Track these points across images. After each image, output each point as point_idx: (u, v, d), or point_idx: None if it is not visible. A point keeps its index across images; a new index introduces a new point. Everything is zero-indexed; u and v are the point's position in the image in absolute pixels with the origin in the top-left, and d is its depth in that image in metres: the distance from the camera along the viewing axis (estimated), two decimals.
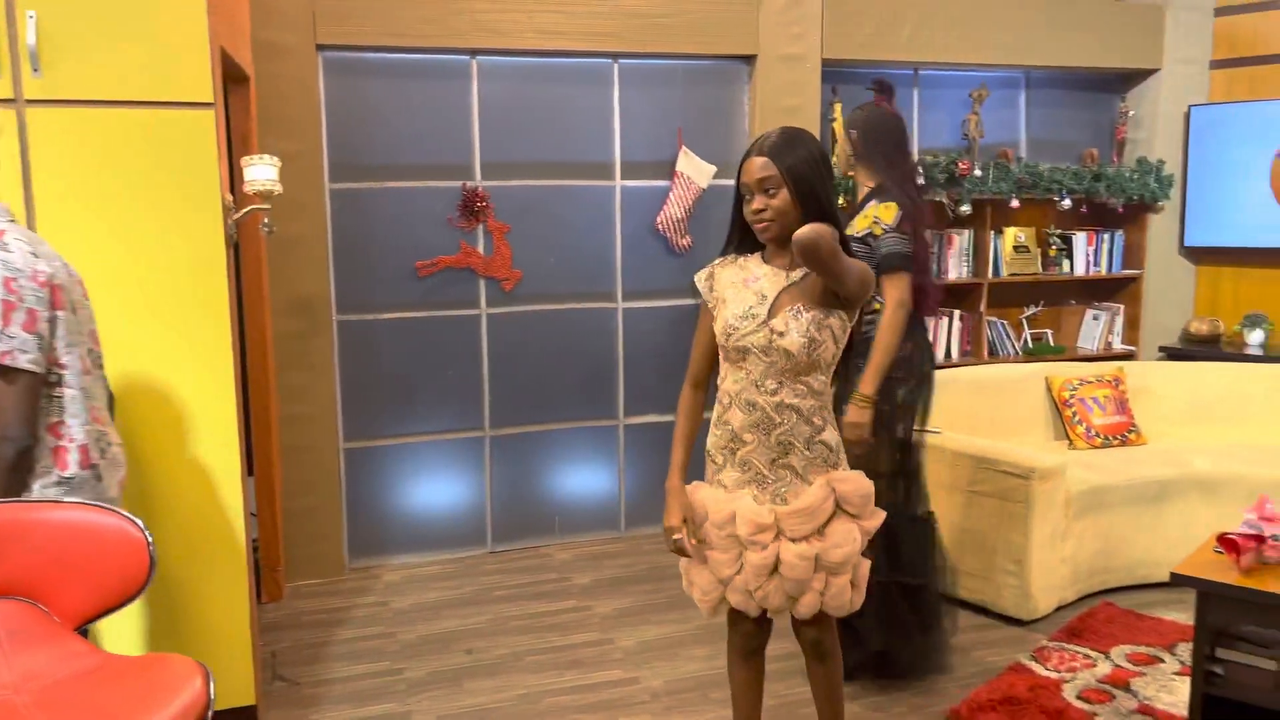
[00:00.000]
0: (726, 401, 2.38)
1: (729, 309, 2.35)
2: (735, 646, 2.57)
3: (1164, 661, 3.56)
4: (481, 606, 4.19)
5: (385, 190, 4.54)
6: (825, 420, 2.37)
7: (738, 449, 2.36)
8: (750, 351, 2.31)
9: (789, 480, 2.33)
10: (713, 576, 2.40)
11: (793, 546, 2.31)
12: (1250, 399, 4.76)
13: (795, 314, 2.28)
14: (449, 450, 4.78)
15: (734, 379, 2.36)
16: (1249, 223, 5.52)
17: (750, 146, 2.33)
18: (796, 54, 4.90)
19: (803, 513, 2.31)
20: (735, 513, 2.33)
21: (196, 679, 1.56)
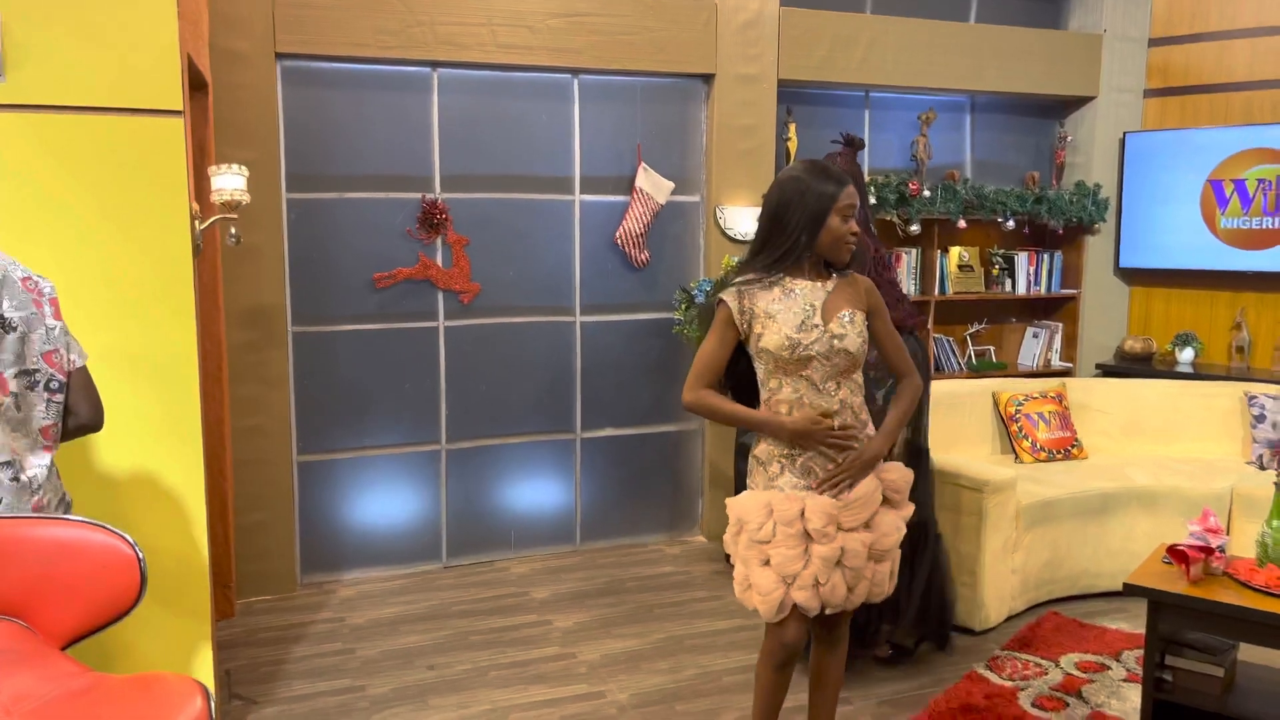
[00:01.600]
0: (785, 410, 2.50)
1: (781, 325, 2.46)
2: (774, 655, 2.58)
3: (1111, 669, 3.69)
4: (441, 621, 4.15)
5: (343, 201, 4.50)
6: (867, 415, 2.60)
7: (799, 456, 2.51)
8: (813, 359, 2.47)
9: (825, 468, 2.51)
10: (775, 576, 2.46)
11: (855, 535, 2.47)
12: (1183, 414, 4.96)
13: (848, 319, 2.50)
14: (404, 464, 4.73)
15: (792, 388, 2.50)
16: (1180, 245, 5.75)
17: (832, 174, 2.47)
18: (753, 74, 4.98)
19: (858, 503, 2.48)
20: (805, 508, 2.45)
21: (196, 698, 1.53)
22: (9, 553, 1.69)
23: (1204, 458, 4.78)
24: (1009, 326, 6.18)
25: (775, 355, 2.47)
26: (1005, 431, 4.83)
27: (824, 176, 2.48)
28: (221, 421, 4.10)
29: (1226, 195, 5.58)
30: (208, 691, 1.58)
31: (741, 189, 4.99)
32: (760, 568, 2.49)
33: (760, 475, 2.56)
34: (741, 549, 2.53)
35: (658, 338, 5.06)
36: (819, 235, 2.47)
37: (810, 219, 2.46)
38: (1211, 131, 5.61)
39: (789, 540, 2.45)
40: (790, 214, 2.47)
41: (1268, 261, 5.47)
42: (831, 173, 2.50)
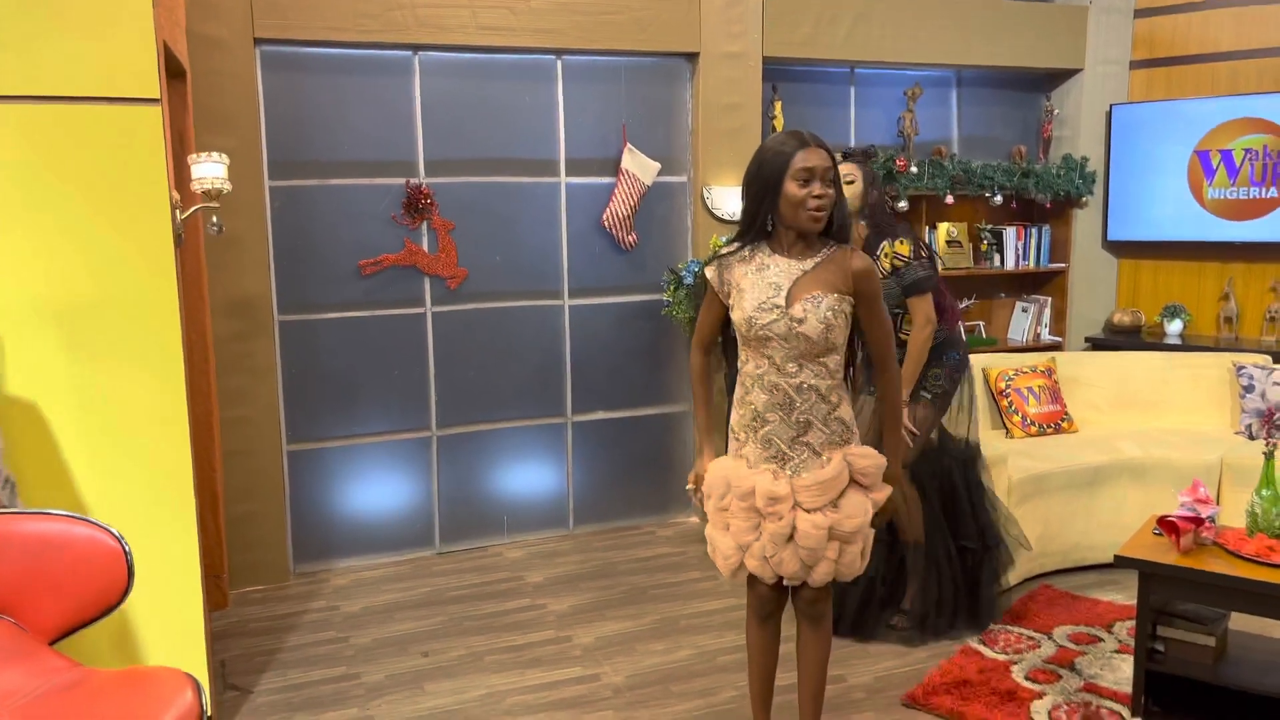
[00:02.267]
0: (749, 384, 2.52)
1: (747, 301, 2.46)
2: (752, 609, 2.72)
3: (1104, 640, 3.71)
4: (435, 608, 4.15)
5: (327, 188, 4.46)
6: (840, 398, 2.53)
7: (760, 428, 2.50)
8: (772, 339, 2.45)
9: (806, 457, 2.48)
10: (734, 542, 2.54)
11: (808, 517, 2.46)
12: (1172, 386, 4.97)
13: (813, 301, 2.43)
14: (395, 451, 4.71)
15: (755, 364, 2.50)
16: (1168, 217, 5.75)
17: (792, 137, 2.41)
18: (737, 52, 4.94)
19: (819, 485, 2.46)
20: (755, 487, 2.47)
21: (187, 691, 1.52)
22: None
23: (1193, 429, 4.79)
24: (998, 302, 6.18)
25: (740, 330, 2.50)
26: (996, 406, 4.84)
27: (784, 140, 2.42)
28: (209, 413, 4.07)
29: (1213, 166, 5.57)
30: (198, 684, 1.57)
31: (728, 168, 4.96)
32: (722, 532, 2.59)
33: (733, 444, 2.60)
34: (709, 512, 2.62)
35: (647, 320, 5.05)
36: (777, 202, 2.42)
37: (767, 185, 2.42)
38: (1198, 102, 5.60)
39: (743, 513, 2.51)
40: (754, 182, 2.46)
41: (1255, 231, 5.48)
42: (796, 136, 2.42)
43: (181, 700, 1.51)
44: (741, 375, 2.56)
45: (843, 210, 2.50)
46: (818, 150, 2.40)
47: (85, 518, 1.83)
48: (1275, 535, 3.03)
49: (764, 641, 2.74)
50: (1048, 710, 3.18)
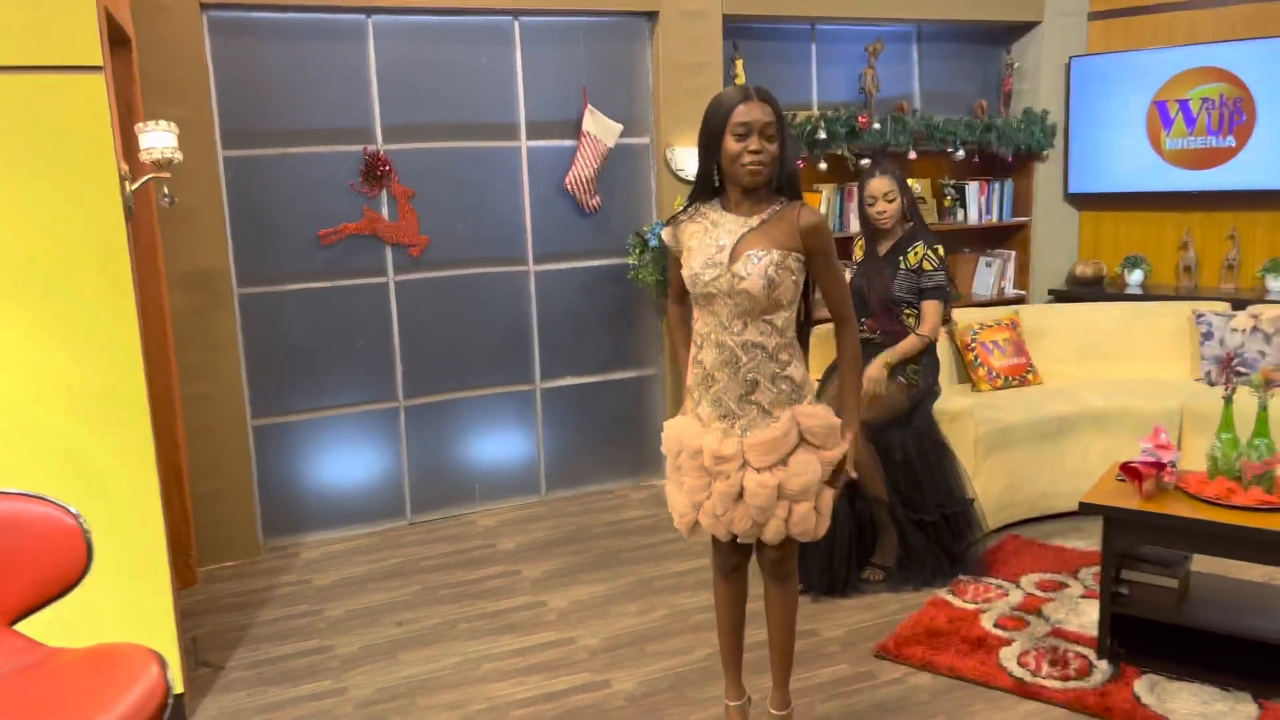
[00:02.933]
0: (699, 342, 2.52)
1: (693, 258, 2.46)
2: (715, 565, 2.76)
3: (1069, 586, 3.77)
4: (407, 578, 4.14)
5: (283, 157, 4.37)
6: (791, 356, 2.48)
7: (710, 386, 2.49)
8: (716, 296, 2.43)
9: (755, 415, 2.45)
10: (687, 500, 2.55)
11: (755, 475, 2.44)
12: (1134, 336, 5.03)
13: (755, 258, 2.38)
14: (362, 422, 4.67)
15: (704, 321, 2.50)
16: (1127, 169, 5.79)
17: (735, 91, 2.38)
18: (698, 10, 4.88)
19: (765, 444, 2.43)
20: (703, 446, 2.47)
21: (152, 666, 1.50)
22: None
23: (1155, 377, 4.85)
24: (962, 257, 6.21)
25: (689, 287, 2.49)
26: (961, 360, 4.87)
27: (727, 94, 2.39)
28: (170, 389, 4.01)
29: (1171, 116, 5.61)
30: (163, 660, 1.55)
31: (690, 128, 4.86)
32: (676, 489, 2.60)
33: (688, 402, 2.59)
34: (667, 470, 2.64)
35: (614, 284, 5.02)
36: (719, 158, 2.40)
37: (710, 141, 2.41)
38: (1155, 53, 5.62)
39: (694, 471, 2.52)
40: (701, 139, 2.44)
41: (1212, 180, 5.53)
42: (739, 90, 2.38)
43: (147, 677, 1.48)
44: (694, 334, 2.54)
45: (790, 165, 2.44)
46: (758, 104, 2.34)
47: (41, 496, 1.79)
48: (1235, 477, 3.09)
49: (729, 596, 2.75)
50: (1016, 656, 3.24)
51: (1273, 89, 5.26)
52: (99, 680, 1.48)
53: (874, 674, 3.21)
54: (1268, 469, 3.03)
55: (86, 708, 1.41)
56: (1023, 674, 3.13)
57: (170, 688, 1.49)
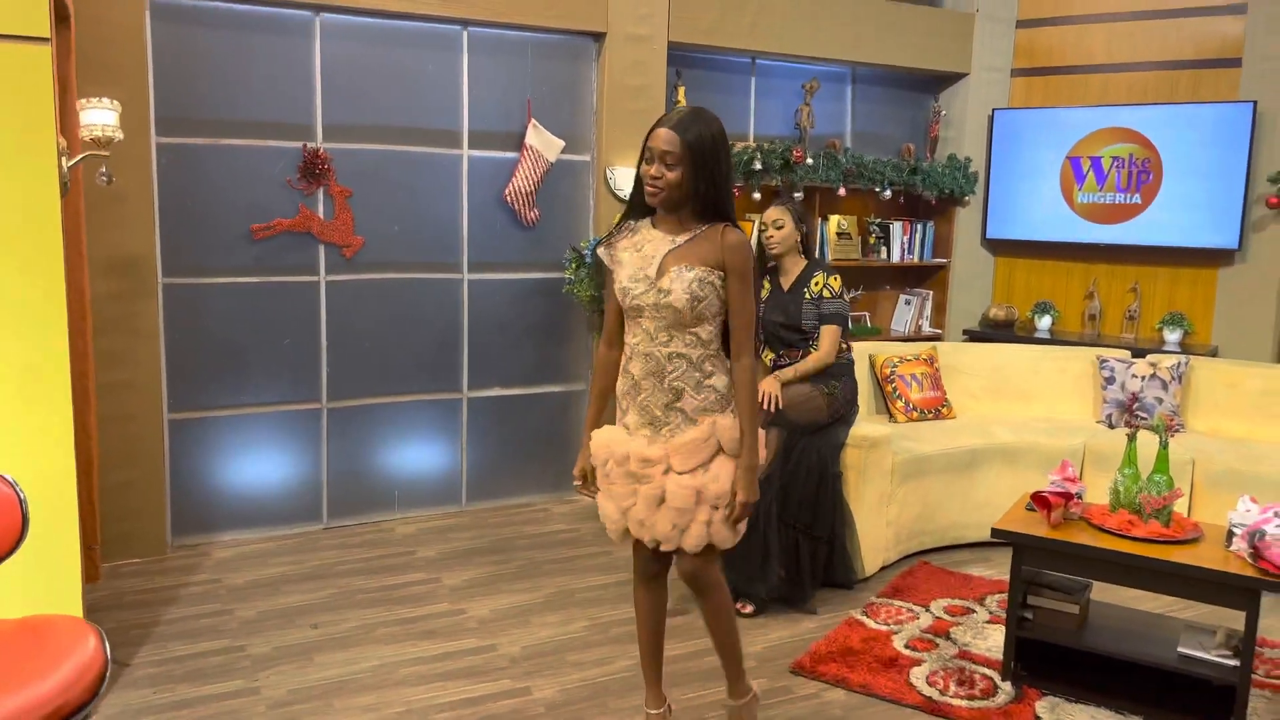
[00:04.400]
0: (629, 353, 2.61)
1: (623, 272, 2.56)
2: (636, 571, 2.80)
3: (975, 612, 3.91)
4: (323, 581, 4.06)
5: (219, 147, 4.30)
6: (715, 368, 2.57)
7: (637, 395, 2.58)
8: (644, 309, 2.52)
9: (679, 423, 2.55)
10: (616, 507, 2.63)
11: (677, 478, 2.53)
12: (1042, 377, 5.26)
13: (679, 273, 2.48)
14: (283, 422, 4.59)
15: (633, 334, 2.59)
16: (1041, 219, 6.08)
17: (660, 119, 2.48)
18: (643, 34, 4.98)
19: (687, 446, 2.52)
20: (629, 451, 2.57)
21: (89, 638, 1.47)
22: None
23: (1060, 417, 5.09)
24: (883, 293, 6.42)
25: (619, 300, 2.57)
26: (880, 392, 5.03)
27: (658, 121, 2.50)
28: (85, 375, 3.87)
29: (1084, 172, 5.92)
30: (101, 632, 1.52)
31: (631, 149, 5.00)
32: (605, 498, 2.66)
33: (618, 411, 2.67)
34: (599, 480, 2.69)
35: (546, 297, 5.05)
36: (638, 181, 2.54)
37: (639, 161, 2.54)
38: (1071, 111, 5.93)
39: (621, 478, 2.60)
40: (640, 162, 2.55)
41: (1118, 235, 5.84)
42: (666, 116, 2.49)
43: (84, 648, 1.45)
44: (625, 346, 2.62)
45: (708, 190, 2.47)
46: (666, 131, 2.42)
47: None
48: (1135, 511, 3.26)
49: (648, 604, 2.79)
50: (925, 676, 3.35)
51: (1178, 152, 5.60)
52: (33, 649, 1.44)
53: (790, 689, 3.27)
54: (1166, 504, 3.22)
55: (22, 676, 1.37)
56: (932, 693, 3.23)
57: (109, 660, 1.46)
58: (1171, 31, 5.74)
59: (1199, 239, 5.60)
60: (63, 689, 1.35)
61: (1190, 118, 5.54)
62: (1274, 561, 2.87)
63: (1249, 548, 2.95)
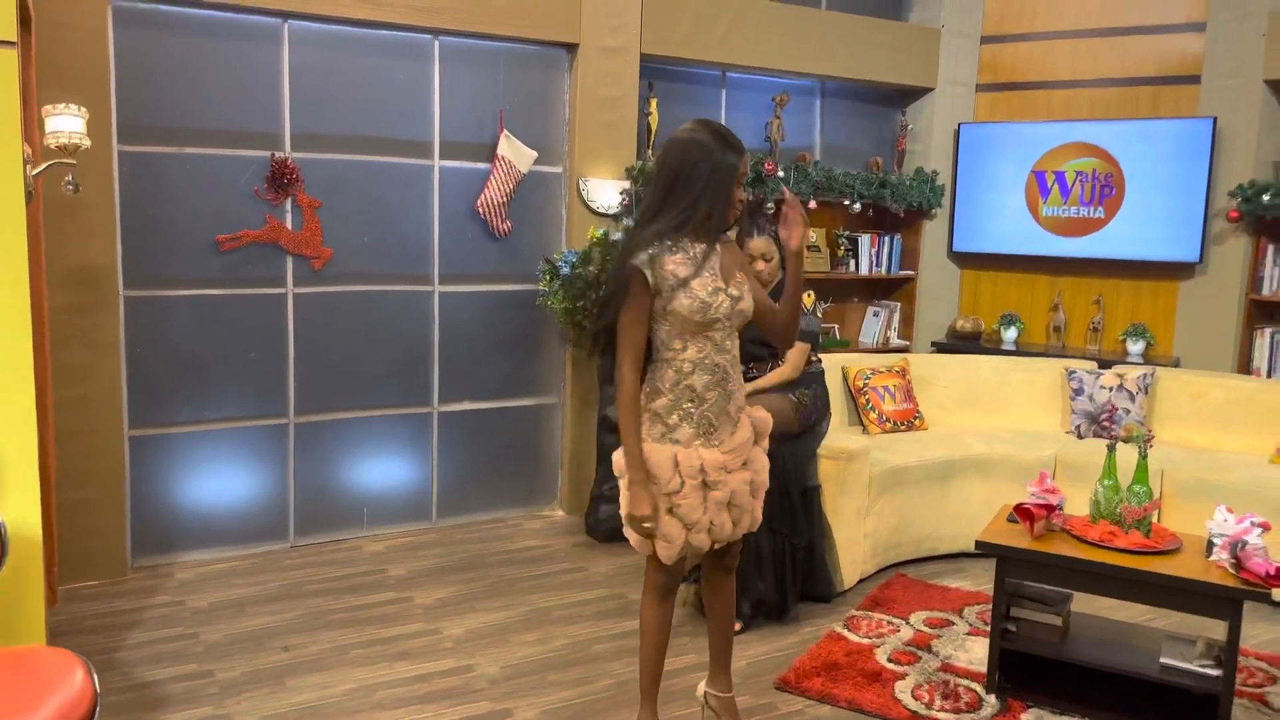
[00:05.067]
0: (688, 369, 2.59)
1: (696, 289, 2.53)
2: (660, 589, 2.74)
3: (955, 624, 3.91)
4: (292, 601, 3.95)
5: (184, 156, 4.18)
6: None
7: (697, 408, 2.60)
8: (719, 320, 2.58)
9: (728, 425, 2.65)
10: (680, 524, 2.59)
11: (739, 475, 2.66)
12: (1011, 388, 5.31)
13: (740, 282, 2.63)
14: (249, 438, 4.47)
15: (696, 349, 2.58)
16: (1006, 232, 6.14)
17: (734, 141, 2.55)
18: (616, 46, 4.95)
19: (740, 447, 2.66)
20: (703, 462, 2.58)
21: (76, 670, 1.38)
22: None
23: (1030, 428, 5.13)
24: (851, 306, 6.44)
25: (687, 319, 2.55)
26: (854, 403, 5.03)
27: (726, 144, 2.54)
28: (44, 390, 3.73)
29: (1048, 185, 5.99)
30: (89, 665, 1.44)
31: (604, 161, 4.97)
32: (667, 515, 2.59)
33: (658, 427, 2.61)
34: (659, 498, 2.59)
35: (518, 309, 4.98)
36: (726, 204, 2.55)
37: (718, 188, 2.53)
38: (1036, 125, 6.01)
39: (694, 491, 2.59)
40: (695, 179, 2.51)
41: (1083, 248, 5.92)
42: (732, 140, 2.56)
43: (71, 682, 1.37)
44: (676, 363, 2.58)
45: None
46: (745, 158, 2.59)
47: None
48: (1116, 521, 3.28)
49: (664, 619, 2.79)
50: (910, 689, 3.33)
51: (1140, 166, 5.69)
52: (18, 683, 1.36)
53: (775, 706, 3.23)
54: (1146, 514, 3.24)
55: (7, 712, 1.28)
56: (918, 707, 3.21)
57: (98, 693, 1.38)
58: (1132, 48, 5.84)
59: (1161, 252, 5.69)
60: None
61: (1151, 133, 5.64)
62: (1256, 571, 2.90)
63: (1231, 558, 2.97)
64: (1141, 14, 5.79)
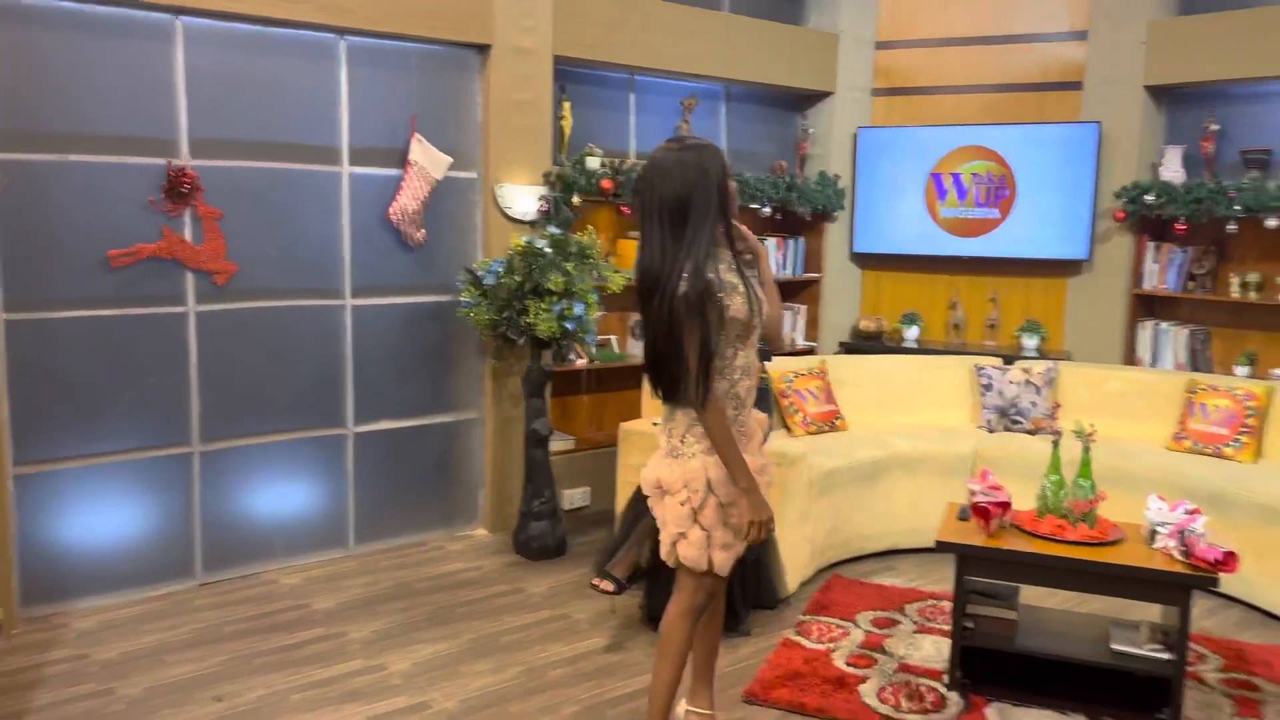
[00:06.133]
0: (737, 377, 2.60)
1: (743, 295, 2.53)
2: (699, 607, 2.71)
3: (901, 622, 3.95)
4: (213, 646, 3.65)
5: (67, 164, 3.81)
6: None
7: (739, 413, 2.62)
8: (755, 325, 2.59)
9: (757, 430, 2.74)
10: (734, 533, 2.61)
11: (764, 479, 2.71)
12: (923, 386, 5.43)
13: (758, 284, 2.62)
14: (148, 470, 4.11)
15: (743, 355, 2.60)
16: (906, 233, 6.30)
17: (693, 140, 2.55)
18: (528, 47, 4.81)
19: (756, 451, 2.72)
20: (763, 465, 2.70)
21: None
22: None
23: (944, 425, 5.25)
24: None
25: (742, 323, 2.53)
26: (778, 406, 5.04)
27: (706, 150, 2.50)
28: None
29: (945, 188, 6.17)
30: None
31: (520, 166, 4.82)
32: (723, 528, 2.61)
33: (704, 442, 2.57)
34: (709, 514, 2.58)
35: (436, 321, 4.77)
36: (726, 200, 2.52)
37: (719, 187, 2.49)
38: (932, 130, 6.18)
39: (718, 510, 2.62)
40: (703, 188, 2.45)
41: (979, 248, 6.13)
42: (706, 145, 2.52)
43: None
44: (728, 373, 2.58)
45: None
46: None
47: None
48: (1063, 516, 3.37)
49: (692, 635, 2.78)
50: (875, 692, 3.33)
51: (1030, 168, 5.93)
52: None
53: (749, 719, 3.18)
54: (1091, 507, 3.34)
55: None
56: (888, 710, 3.22)
57: None
58: (1019, 55, 6.08)
59: (1051, 250, 5.95)
60: None
61: (1041, 137, 5.89)
62: (1204, 557, 3.02)
63: (1180, 545, 3.09)
64: (1027, 22, 6.04)
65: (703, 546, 2.59)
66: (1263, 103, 5.45)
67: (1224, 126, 5.47)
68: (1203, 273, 5.57)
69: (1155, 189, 5.50)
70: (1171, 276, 5.66)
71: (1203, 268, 5.57)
